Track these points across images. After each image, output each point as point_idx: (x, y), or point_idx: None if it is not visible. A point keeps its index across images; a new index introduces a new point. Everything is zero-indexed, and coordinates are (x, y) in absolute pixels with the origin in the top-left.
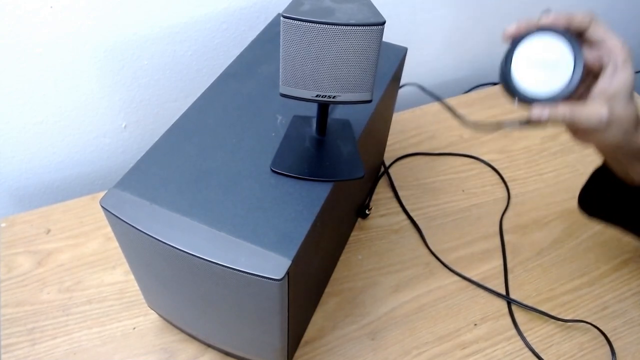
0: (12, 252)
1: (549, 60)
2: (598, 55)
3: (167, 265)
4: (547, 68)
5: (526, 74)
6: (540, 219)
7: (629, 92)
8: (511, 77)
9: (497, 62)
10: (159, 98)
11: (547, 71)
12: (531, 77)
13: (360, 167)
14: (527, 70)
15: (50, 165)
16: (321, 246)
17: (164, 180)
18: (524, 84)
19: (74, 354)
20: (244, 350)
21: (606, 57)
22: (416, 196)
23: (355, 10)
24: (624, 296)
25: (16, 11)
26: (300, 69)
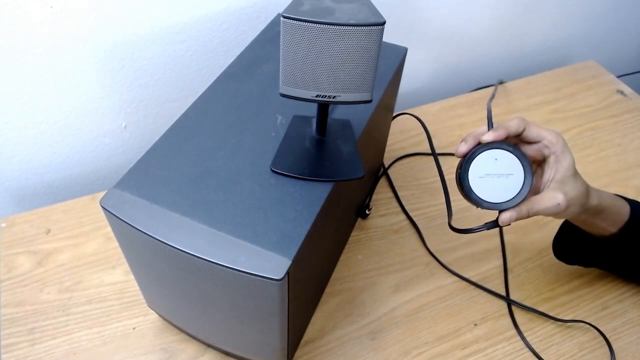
0: (12, 252)
1: (501, 170)
2: (537, 148)
3: (167, 265)
4: (501, 177)
5: (484, 186)
6: (540, 219)
7: (573, 173)
8: (471, 190)
9: (497, 62)
10: (159, 98)
11: (502, 180)
12: (489, 188)
13: (360, 167)
14: (483, 183)
15: (50, 165)
16: (321, 246)
17: (164, 180)
18: (484, 194)
19: (74, 354)
20: (244, 350)
21: (545, 149)
22: (416, 196)
23: (355, 10)
24: (624, 296)
25: (16, 11)
26: (300, 69)
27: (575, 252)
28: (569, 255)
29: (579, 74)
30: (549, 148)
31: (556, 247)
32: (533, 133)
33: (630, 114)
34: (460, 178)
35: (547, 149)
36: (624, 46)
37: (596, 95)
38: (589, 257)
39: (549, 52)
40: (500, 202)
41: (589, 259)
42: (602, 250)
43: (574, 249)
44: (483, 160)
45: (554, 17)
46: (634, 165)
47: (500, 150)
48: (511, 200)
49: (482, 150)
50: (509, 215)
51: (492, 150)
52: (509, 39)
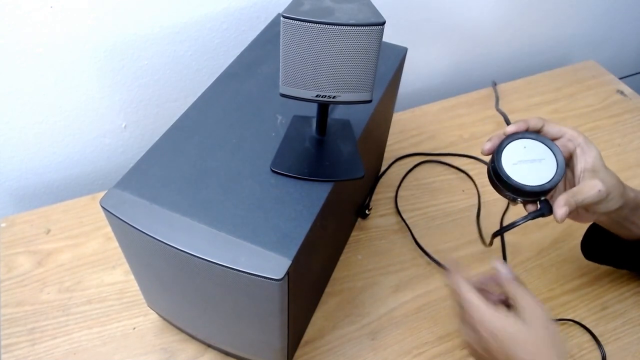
0: (12, 252)
1: (533, 156)
2: (561, 143)
3: (167, 265)
4: (534, 162)
5: (520, 172)
6: (540, 219)
7: (603, 163)
8: (509, 177)
9: (497, 62)
10: (159, 98)
11: (535, 164)
12: (525, 173)
13: (360, 167)
14: (518, 169)
15: (50, 165)
16: (321, 246)
17: (164, 180)
18: (522, 180)
19: (74, 354)
20: (244, 350)
21: (569, 143)
22: (416, 196)
23: (355, 10)
24: (624, 296)
25: (16, 11)
26: (300, 69)
27: (606, 254)
28: (599, 256)
29: (579, 74)
30: (572, 141)
31: (585, 249)
32: (554, 129)
33: (630, 114)
34: (494, 169)
35: (571, 142)
36: (624, 47)
37: (596, 96)
38: (622, 259)
39: (549, 52)
40: (543, 184)
41: (621, 261)
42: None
43: (605, 251)
44: (512, 149)
45: (554, 17)
46: (634, 165)
47: (527, 139)
48: (552, 180)
49: (510, 141)
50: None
51: (519, 140)
52: (509, 38)
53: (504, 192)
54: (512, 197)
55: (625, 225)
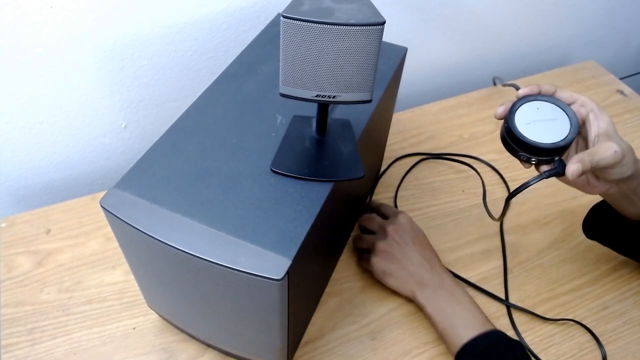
0: (12, 252)
1: (545, 116)
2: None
3: (167, 265)
4: (547, 121)
5: (533, 131)
6: (540, 219)
7: (615, 130)
8: (523, 135)
9: (497, 62)
10: (159, 98)
11: (548, 123)
12: (539, 132)
13: (360, 167)
14: (532, 128)
15: (50, 165)
16: (321, 246)
17: (164, 180)
18: (536, 138)
19: (74, 354)
20: (244, 350)
21: (582, 109)
22: (416, 196)
23: (355, 10)
24: (624, 296)
25: (16, 11)
26: (300, 69)
27: (607, 234)
28: (600, 235)
29: (579, 74)
30: (585, 107)
31: (587, 227)
32: (565, 94)
33: (630, 114)
34: (508, 129)
35: (583, 108)
36: (624, 47)
37: (596, 96)
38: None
39: (549, 52)
40: (557, 141)
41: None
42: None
43: (607, 230)
44: (525, 110)
45: (554, 17)
46: None
47: (539, 101)
48: (566, 138)
49: (523, 102)
50: (576, 167)
51: (532, 102)
52: (509, 39)
53: (518, 152)
54: (526, 157)
55: (632, 200)
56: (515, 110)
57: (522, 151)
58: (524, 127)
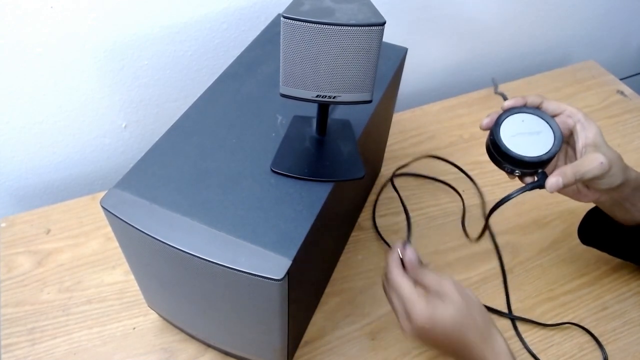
0: (12, 252)
1: (530, 129)
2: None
3: (167, 265)
4: (532, 134)
5: (518, 144)
6: (540, 219)
7: (603, 139)
8: (507, 148)
9: (497, 62)
10: (159, 98)
11: (533, 137)
12: (523, 145)
13: (360, 167)
14: (517, 141)
15: (50, 165)
16: (321, 246)
17: (164, 180)
18: (520, 151)
19: (74, 354)
20: (244, 350)
21: (569, 120)
22: (417, 196)
23: (355, 10)
24: (624, 297)
25: (16, 11)
26: (300, 69)
27: (603, 239)
28: (596, 241)
29: (579, 74)
30: (572, 117)
31: (582, 233)
32: (552, 105)
33: (630, 114)
34: (493, 141)
35: (570, 118)
36: (624, 47)
37: (596, 96)
38: (618, 245)
39: (549, 52)
40: (541, 155)
41: (617, 248)
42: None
43: (602, 236)
44: (510, 122)
45: (554, 17)
46: (634, 165)
47: (525, 113)
48: (550, 151)
49: (508, 115)
50: (555, 180)
51: (518, 114)
52: (509, 39)
53: (503, 164)
54: (510, 169)
55: (625, 207)
56: (500, 122)
57: (507, 163)
58: (509, 140)
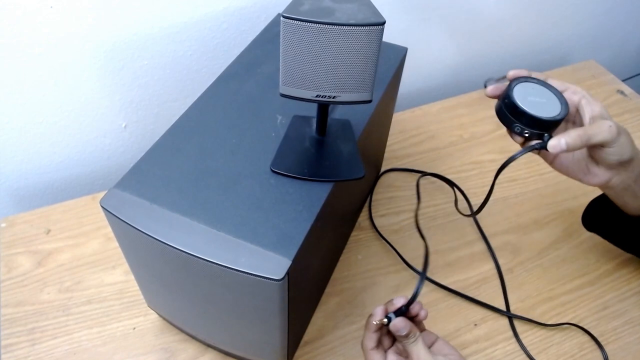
0: (12, 252)
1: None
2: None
3: (167, 265)
4: (542, 100)
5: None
6: (540, 219)
7: (608, 114)
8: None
9: (497, 62)
10: (159, 98)
11: (543, 102)
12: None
13: (360, 167)
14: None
15: (50, 165)
16: (321, 246)
17: (164, 180)
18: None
19: (74, 354)
20: (244, 350)
21: (574, 96)
22: (416, 196)
23: (355, 10)
24: (625, 296)
25: (16, 11)
26: (300, 69)
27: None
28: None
29: (579, 74)
30: (577, 94)
31: (587, 219)
32: (556, 82)
33: (630, 114)
34: (508, 101)
35: (575, 95)
36: (624, 47)
37: (596, 95)
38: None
39: (549, 52)
40: (554, 115)
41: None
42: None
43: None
44: (522, 88)
45: (554, 17)
46: None
47: (533, 83)
48: (560, 113)
49: (519, 82)
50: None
51: (527, 82)
52: (509, 38)
53: (514, 124)
54: (520, 129)
55: (635, 191)
56: (513, 86)
57: (518, 123)
58: (522, 101)
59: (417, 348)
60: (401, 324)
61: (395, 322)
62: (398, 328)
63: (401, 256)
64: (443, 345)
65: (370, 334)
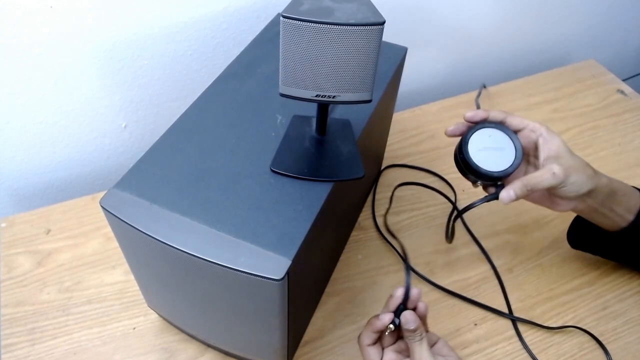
0: (12, 252)
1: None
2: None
3: (167, 265)
4: (497, 150)
5: (483, 158)
6: (540, 219)
7: (567, 150)
8: (472, 160)
9: (497, 62)
10: (159, 98)
11: (497, 152)
12: (487, 160)
13: (360, 167)
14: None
15: (50, 165)
16: (321, 246)
17: (164, 180)
18: (484, 165)
19: (74, 354)
20: (244, 350)
21: (532, 134)
22: (416, 196)
23: (355, 9)
24: (625, 296)
25: (16, 11)
26: (300, 68)
27: (590, 244)
28: (586, 246)
29: (579, 74)
30: (535, 132)
31: (571, 238)
32: (515, 120)
33: (631, 114)
34: (461, 154)
35: (534, 133)
36: (625, 47)
37: (596, 95)
38: (606, 249)
39: (549, 51)
40: (504, 169)
41: (606, 252)
42: (618, 242)
43: (590, 242)
44: (477, 137)
45: (554, 16)
46: (634, 165)
47: (492, 129)
48: (511, 166)
49: (478, 128)
50: (506, 193)
51: (486, 128)
52: (509, 38)
53: (468, 175)
54: (474, 180)
55: (604, 213)
56: (469, 136)
57: (471, 174)
58: (475, 154)
59: (422, 348)
60: (411, 317)
61: (406, 314)
62: (408, 320)
63: (402, 256)
64: (443, 346)
65: (369, 333)
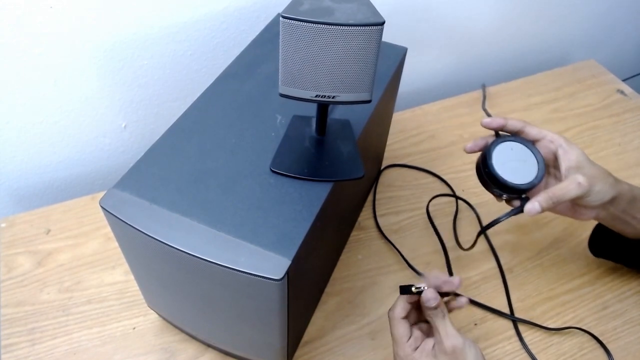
0: (12, 252)
1: (518, 157)
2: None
3: (167, 265)
4: (520, 162)
5: (507, 170)
6: (540, 219)
7: (588, 159)
8: (499, 176)
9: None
10: (158, 98)
11: (521, 164)
12: (512, 172)
13: (359, 167)
14: (506, 168)
15: (50, 165)
16: (321, 246)
17: (164, 180)
18: (510, 178)
19: (74, 354)
20: (244, 350)
21: (550, 144)
22: (416, 196)
23: (355, 10)
24: (625, 296)
25: (16, 11)
26: (300, 69)
27: (612, 252)
28: (606, 254)
29: (579, 74)
30: (554, 143)
31: (593, 247)
32: (533, 130)
33: (631, 114)
34: (486, 168)
35: (552, 143)
36: (624, 47)
37: (596, 95)
38: (628, 257)
39: (549, 52)
40: (528, 182)
41: (628, 260)
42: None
43: (611, 249)
44: (502, 149)
45: (554, 16)
46: (634, 165)
47: (512, 142)
48: (535, 178)
49: (500, 142)
50: (531, 205)
51: (507, 142)
52: (508, 38)
53: (493, 189)
54: (499, 193)
55: (626, 220)
56: (492, 149)
57: (496, 188)
58: (500, 167)
59: (445, 324)
60: (432, 294)
61: (427, 292)
62: (429, 298)
63: (403, 256)
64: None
65: (404, 303)
